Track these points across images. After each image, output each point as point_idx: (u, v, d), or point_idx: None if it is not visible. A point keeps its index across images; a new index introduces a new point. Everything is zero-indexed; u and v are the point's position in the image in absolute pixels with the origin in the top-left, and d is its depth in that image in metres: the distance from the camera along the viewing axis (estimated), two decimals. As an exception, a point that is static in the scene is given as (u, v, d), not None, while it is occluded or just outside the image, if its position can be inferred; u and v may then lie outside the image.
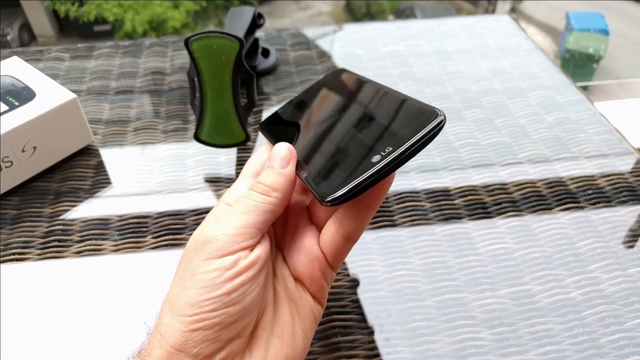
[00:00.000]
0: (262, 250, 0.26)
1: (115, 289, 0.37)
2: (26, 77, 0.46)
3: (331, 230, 0.27)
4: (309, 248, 0.28)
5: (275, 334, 0.27)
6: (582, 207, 0.43)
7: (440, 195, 0.44)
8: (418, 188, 0.45)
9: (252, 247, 0.26)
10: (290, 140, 0.30)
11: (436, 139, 0.49)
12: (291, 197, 0.28)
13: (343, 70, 0.36)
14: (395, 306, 0.36)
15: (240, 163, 0.47)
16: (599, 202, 0.43)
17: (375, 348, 0.33)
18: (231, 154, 0.48)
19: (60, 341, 0.34)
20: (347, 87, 0.33)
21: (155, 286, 0.37)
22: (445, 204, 0.43)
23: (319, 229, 0.28)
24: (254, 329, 0.26)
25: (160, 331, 0.24)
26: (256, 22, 0.53)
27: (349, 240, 0.27)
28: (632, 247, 0.40)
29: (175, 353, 0.24)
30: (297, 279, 0.28)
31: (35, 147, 0.43)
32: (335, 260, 0.28)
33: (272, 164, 0.27)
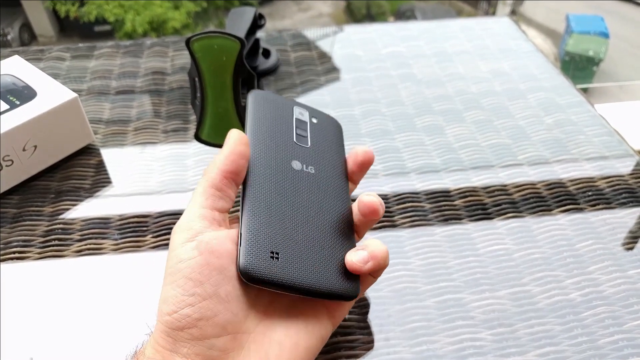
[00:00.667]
0: (220, 233, 0.26)
1: (116, 289, 0.37)
2: (27, 76, 0.46)
3: None
4: None
5: (273, 340, 0.26)
6: (581, 209, 0.43)
7: (440, 196, 0.44)
8: (418, 189, 0.45)
9: (206, 230, 0.26)
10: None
11: (437, 140, 0.50)
12: (238, 171, 0.28)
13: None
14: (394, 306, 0.36)
15: (241, 163, 0.47)
16: (598, 204, 0.44)
17: (375, 348, 0.33)
18: (231, 154, 0.48)
19: (60, 340, 0.34)
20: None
21: (156, 286, 0.37)
22: (445, 205, 0.43)
23: None
24: (243, 333, 0.26)
25: (154, 335, 0.25)
26: (257, 23, 0.53)
27: (373, 276, 0.30)
28: (631, 248, 0.40)
29: (168, 354, 0.24)
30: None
31: (35, 146, 0.43)
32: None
33: (225, 146, 0.29)
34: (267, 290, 0.27)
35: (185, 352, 0.24)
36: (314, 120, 0.35)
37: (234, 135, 0.29)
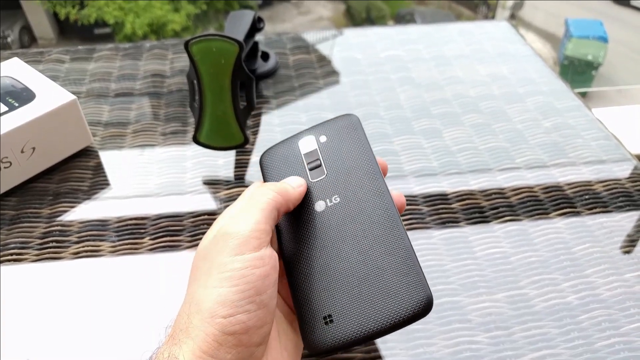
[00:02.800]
0: (274, 251, 0.27)
1: (113, 291, 0.37)
2: (26, 79, 0.46)
3: None
4: None
5: (284, 346, 0.27)
6: (578, 212, 0.43)
7: (438, 200, 0.44)
8: (416, 192, 0.45)
9: (268, 244, 0.26)
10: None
11: (435, 143, 0.50)
12: (292, 209, 0.30)
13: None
14: (392, 309, 0.36)
15: (239, 165, 0.47)
16: (595, 208, 0.44)
17: (372, 351, 0.33)
18: (230, 156, 0.48)
19: (57, 342, 0.34)
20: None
21: (153, 288, 0.37)
22: (442, 208, 0.43)
23: None
24: (269, 338, 0.26)
25: (191, 336, 0.24)
26: (256, 26, 0.54)
27: None
28: (628, 252, 0.40)
29: (206, 358, 0.23)
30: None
31: (34, 148, 0.43)
32: None
33: (287, 181, 0.30)
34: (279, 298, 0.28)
35: (228, 358, 0.23)
36: (323, 139, 0.32)
37: (303, 182, 0.31)
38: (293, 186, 0.29)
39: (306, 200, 0.30)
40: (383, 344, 0.34)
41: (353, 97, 0.56)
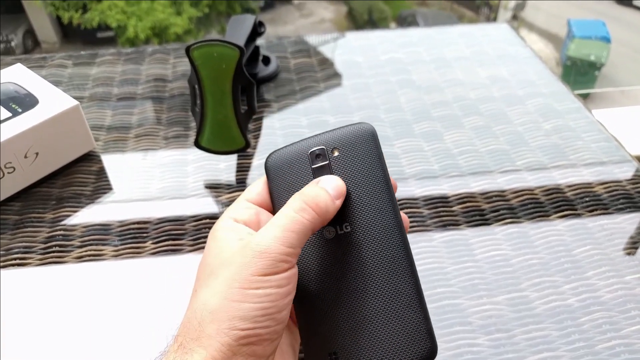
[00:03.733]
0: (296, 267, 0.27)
1: (116, 294, 0.37)
2: (29, 84, 0.47)
3: None
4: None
5: (284, 350, 0.28)
6: (579, 215, 0.43)
7: (439, 202, 0.44)
8: (416, 195, 0.45)
9: (295, 265, 0.26)
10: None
11: (436, 146, 0.50)
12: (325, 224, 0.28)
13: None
14: (392, 312, 0.36)
15: (240, 169, 0.47)
16: (596, 210, 0.44)
17: (373, 354, 0.33)
18: (231, 160, 0.48)
19: (60, 346, 0.34)
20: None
21: (155, 291, 0.37)
22: (443, 211, 0.43)
23: None
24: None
25: (204, 345, 0.24)
26: (257, 30, 0.54)
27: None
28: (629, 254, 0.40)
29: None
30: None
31: (37, 153, 0.44)
32: None
33: (326, 187, 0.27)
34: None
35: None
36: (336, 154, 0.29)
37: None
38: (334, 200, 0.27)
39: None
40: (384, 346, 0.34)
41: (354, 100, 0.56)
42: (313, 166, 0.29)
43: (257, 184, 0.31)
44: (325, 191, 0.27)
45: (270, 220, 0.26)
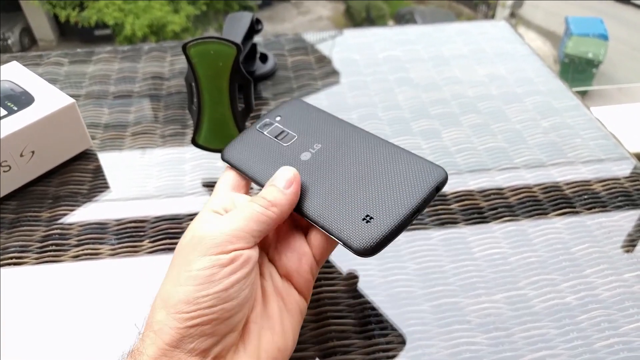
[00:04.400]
0: (254, 251, 0.28)
1: (113, 293, 0.37)
2: (25, 82, 0.46)
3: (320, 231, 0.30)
4: (298, 246, 0.30)
5: (266, 327, 0.28)
6: (577, 212, 0.43)
7: (437, 200, 0.44)
8: (414, 193, 0.45)
9: (245, 248, 0.27)
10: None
11: (434, 143, 0.50)
12: (287, 217, 0.29)
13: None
14: (390, 310, 0.36)
15: (238, 168, 0.47)
16: (594, 207, 0.44)
17: (371, 352, 0.33)
18: (229, 158, 0.48)
19: (57, 345, 0.34)
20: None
21: (152, 290, 0.37)
22: (441, 209, 0.43)
23: (304, 230, 0.31)
24: (245, 324, 0.27)
25: (154, 329, 0.25)
26: (254, 28, 0.54)
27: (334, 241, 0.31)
28: (627, 252, 0.40)
29: (170, 350, 0.24)
30: (284, 276, 0.30)
31: (33, 152, 0.44)
32: (322, 256, 0.30)
33: (275, 183, 0.29)
34: (267, 284, 0.29)
35: (190, 347, 0.24)
36: (279, 119, 0.36)
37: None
38: (284, 191, 0.29)
39: (291, 159, 0.32)
40: (381, 345, 0.34)
41: (351, 97, 0.56)
42: (266, 132, 0.35)
43: (225, 176, 0.33)
44: (272, 187, 0.29)
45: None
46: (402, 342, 0.34)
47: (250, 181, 0.33)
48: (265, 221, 0.28)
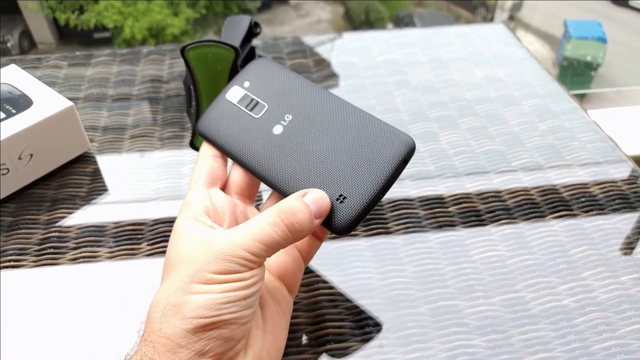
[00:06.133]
0: (264, 265, 0.28)
1: (111, 296, 0.37)
2: (23, 85, 0.46)
3: None
4: (291, 246, 0.30)
5: (266, 330, 0.28)
6: (575, 215, 0.43)
7: (435, 203, 0.44)
8: (412, 196, 0.45)
9: (262, 264, 0.27)
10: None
11: (432, 146, 0.50)
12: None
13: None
14: (388, 313, 0.36)
15: (236, 170, 0.47)
16: (592, 210, 0.44)
17: (368, 355, 0.33)
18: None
19: (55, 347, 0.34)
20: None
21: (151, 293, 0.37)
22: (439, 212, 0.43)
23: None
24: (250, 333, 0.28)
25: (167, 334, 0.24)
26: (252, 31, 0.54)
27: (319, 239, 0.32)
28: (625, 254, 0.40)
29: (178, 349, 0.24)
30: (278, 277, 0.31)
31: (31, 155, 0.44)
32: (308, 255, 0.31)
33: (310, 204, 0.28)
34: (263, 288, 0.29)
35: (205, 349, 0.24)
36: (247, 84, 0.34)
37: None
38: (313, 220, 0.28)
39: (264, 134, 0.32)
40: (379, 347, 0.34)
41: (350, 100, 0.56)
42: (236, 101, 0.34)
43: (201, 165, 0.32)
44: (306, 208, 0.27)
45: (244, 223, 0.27)
46: (400, 345, 0.34)
47: (227, 157, 0.33)
48: (285, 245, 0.27)
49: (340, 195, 0.29)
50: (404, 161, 0.29)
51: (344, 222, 0.28)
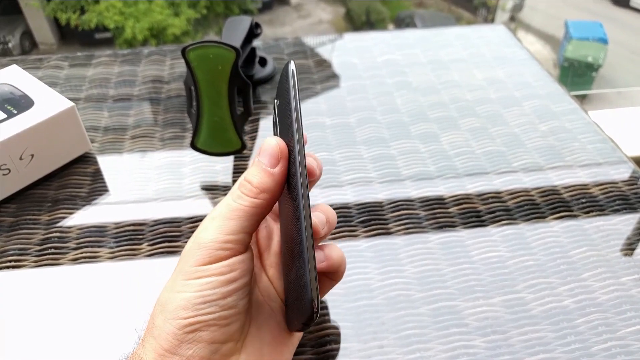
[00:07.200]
0: (249, 254, 0.27)
1: (111, 296, 0.37)
2: (25, 86, 0.47)
3: None
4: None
5: (264, 339, 0.28)
6: (575, 216, 0.43)
7: (435, 204, 0.44)
8: (413, 196, 0.45)
9: (243, 251, 0.27)
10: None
11: (432, 147, 0.50)
12: (279, 196, 0.28)
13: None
14: (388, 314, 0.36)
15: (237, 171, 0.47)
16: (592, 211, 0.44)
17: (369, 356, 0.33)
18: (227, 162, 0.48)
19: (56, 348, 0.34)
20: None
21: (151, 293, 0.37)
22: (439, 212, 0.43)
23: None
24: (245, 336, 0.27)
25: (154, 335, 0.25)
26: (253, 32, 0.54)
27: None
28: (625, 255, 0.40)
29: (169, 356, 0.24)
30: (270, 279, 0.31)
31: (32, 155, 0.44)
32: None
33: (261, 159, 0.27)
34: (258, 298, 0.29)
35: (189, 354, 0.24)
36: (277, 102, 0.30)
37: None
38: (269, 172, 0.26)
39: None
40: (379, 348, 0.34)
41: (350, 101, 0.56)
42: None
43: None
44: (258, 166, 0.27)
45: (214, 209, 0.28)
46: (400, 345, 0.34)
47: None
48: (256, 212, 0.26)
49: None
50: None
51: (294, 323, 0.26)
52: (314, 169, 0.30)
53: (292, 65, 0.28)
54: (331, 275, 0.30)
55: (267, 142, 0.27)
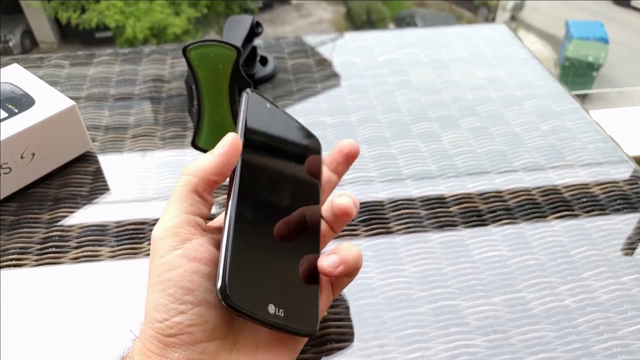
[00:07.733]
0: (208, 239, 0.26)
1: (112, 295, 0.37)
2: (26, 85, 0.47)
3: None
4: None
5: (259, 338, 0.27)
6: (576, 215, 0.43)
7: (436, 203, 0.44)
8: (413, 195, 0.45)
9: (195, 235, 0.26)
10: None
11: (433, 146, 0.50)
12: (219, 178, 0.28)
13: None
14: (389, 313, 0.36)
15: (237, 170, 0.47)
16: (593, 210, 0.44)
17: (369, 355, 0.33)
18: (228, 161, 0.48)
19: (56, 346, 0.34)
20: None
21: (151, 292, 0.37)
22: (440, 212, 0.43)
23: None
24: (238, 332, 0.26)
25: (141, 338, 0.25)
26: (254, 31, 0.54)
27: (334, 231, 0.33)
28: (626, 255, 0.40)
29: (158, 359, 0.24)
30: None
31: (34, 154, 0.44)
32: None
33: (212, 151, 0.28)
34: None
35: (175, 357, 0.24)
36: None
37: (228, 141, 0.28)
38: (214, 154, 0.27)
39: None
40: (379, 347, 0.34)
41: (351, 100, 0.56)
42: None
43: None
44: (208, 154, 0.28)
45: None
46: (401, 345, 0.34)
47: None
48: (189, 190, 0.27)
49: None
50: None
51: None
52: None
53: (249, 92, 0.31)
54: (348, 273, 0.29)
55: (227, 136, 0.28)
